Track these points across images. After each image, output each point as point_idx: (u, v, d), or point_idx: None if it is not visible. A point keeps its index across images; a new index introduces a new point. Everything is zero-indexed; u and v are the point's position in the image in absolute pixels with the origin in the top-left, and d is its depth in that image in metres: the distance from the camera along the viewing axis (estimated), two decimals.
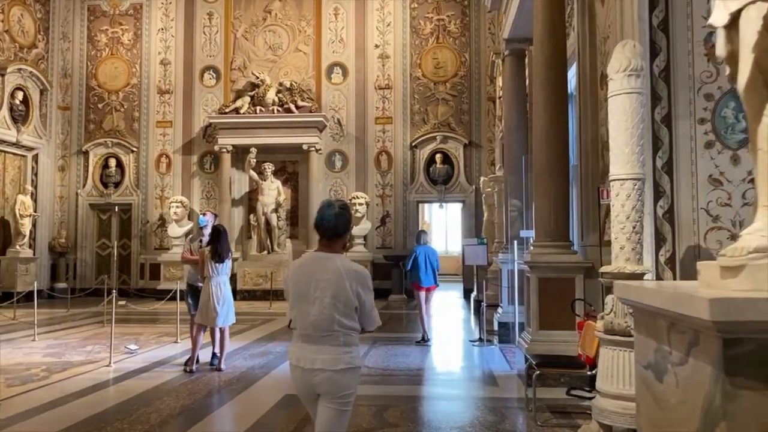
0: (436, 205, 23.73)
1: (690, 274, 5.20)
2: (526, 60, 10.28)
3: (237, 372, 7.32)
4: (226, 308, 7.41)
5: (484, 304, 10.59)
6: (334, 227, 3.16)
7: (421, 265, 9.53)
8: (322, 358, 3.02)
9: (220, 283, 7.37)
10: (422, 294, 9.68)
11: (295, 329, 3.18)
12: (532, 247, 6.90)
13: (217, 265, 7.32)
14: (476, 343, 9.42)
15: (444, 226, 26.19)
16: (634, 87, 4.15)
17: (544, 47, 6.90)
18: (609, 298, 4.13)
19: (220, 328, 7.37)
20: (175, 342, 9.49)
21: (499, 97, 16.43)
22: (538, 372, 5.02)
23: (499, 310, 9.70)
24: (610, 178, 4.20)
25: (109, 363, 7.64)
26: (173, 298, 15.04)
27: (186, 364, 7.57)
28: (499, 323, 9.40)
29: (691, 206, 5.20)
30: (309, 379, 3.06)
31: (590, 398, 5.81)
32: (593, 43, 6.77)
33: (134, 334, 10.31)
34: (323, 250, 3.19)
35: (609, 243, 6.19)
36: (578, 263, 6.53)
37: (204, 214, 8.63)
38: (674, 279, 5.10)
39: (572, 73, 7.41)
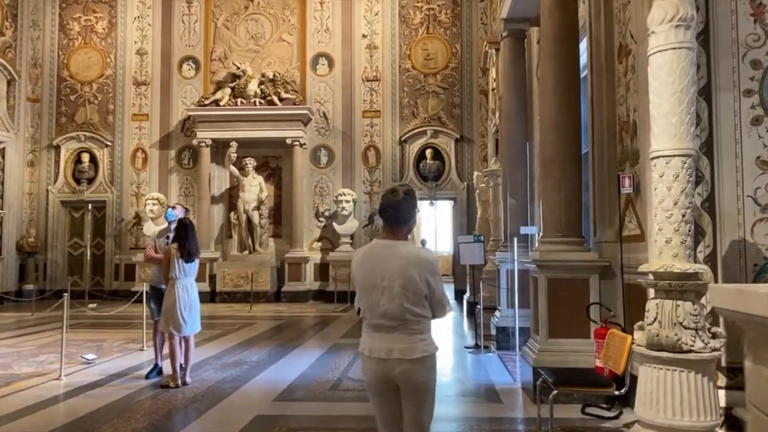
0: (425, 203, 22.93)
1: (733, 273, 4.40)
2: (526, 42, 9.47)
3: (203, 387, 6.43)
4: (194, 314, 6.51)
5: (479, 307, 9.79)
6: (398, 214, 3.06)
7: None
8: (399, 347, 2.95)
9: (187, 285, 6.47)
10: None
11: (365, 319, 3.05)
12: (539, 244, 6.08)
13: (185, 264, 6.42)
14: (472, 350, 8.59)
15: (434, 225, 25.34)
16: (683, 41, 3.34)
17: (554, 19, 6.08)
18: (652, 305, 3.31)
19: (185, 338, 6.46)
20: (141, 350, 8.59)
21: (493, 89, 15.64)
22: (555, 392, 4.18)
23: (497, 313, 8.88)
24: (653, 155, 3.38)
25: (60, 376, 6.73)
26: (140, 301, 14.26)
27: (149, 374, 6.70)
28: (497, 328, 8.58)
29: (735, 194, 4.40)
30: (386, 371, 2.95)
31: (610, 418, 5.00)
32: (609, 11, 5.95)
33: (97, 341, 9.40)
34: (388, 237, 3.07)
35: (631, 238, 5.39)
36: (593, 262, 5.72)
37: (173, 207, 7.63)
38: (716, 280, 4.29)
39: (582, 48, 6.59)
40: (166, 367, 6.78)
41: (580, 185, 5.94)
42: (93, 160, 17.80)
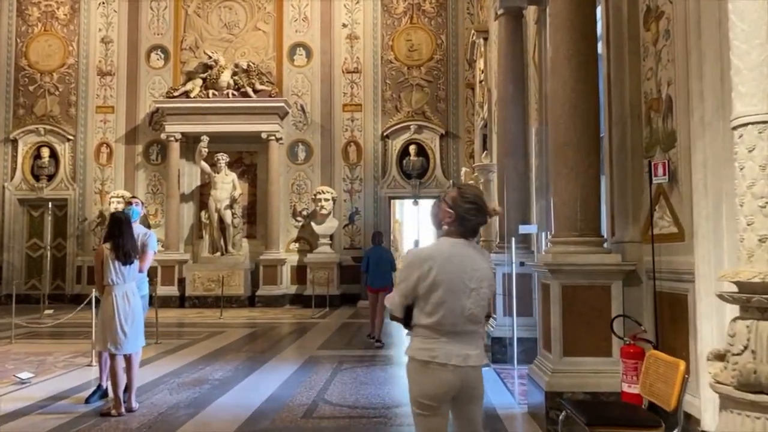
0: (408, 202, 22.06)
1: None
2: (524, 20, 8.57)
3: (152, 414, 5.40)
4: (137, 327, 5.47)
5: None
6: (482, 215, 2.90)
7: (371, 267, 9.29)
8: (474, 353, 2.84)
9: (127, 292, 5.39)
10: (372, 296, 9.39)
11: (436, 325, 2.79)
12: (549, 245, 5.16)
13: (122, 267, 5.37)
14: None
15: (416, 225, 24.43)
16: None
17: None
18: (740, 328, 2.39)
19: (127, 356, 5.41)
20: (90, 365, 7.52)
21: (481, 82, 14.77)
22: None
23: (492, 322, 7.97)
24: (737, 121, 2.47)
25: None
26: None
27: (90, 398, 5.67)
28: (492, 338, 7.66)
29: None
30: (460, 379, 2.79)
31: None
32: None
33: (42, 355, 8.31)
34: (465, 237, 2.88)
35: (664, 237, 4.49)
36: (617, 266, 4.81)
37: (134, 203, 6.43)
38: None
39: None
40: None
41: (599, 175, 5.03)
42: (53, 155, 16.64)
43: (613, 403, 4.16)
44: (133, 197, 6.48)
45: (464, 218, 2.80)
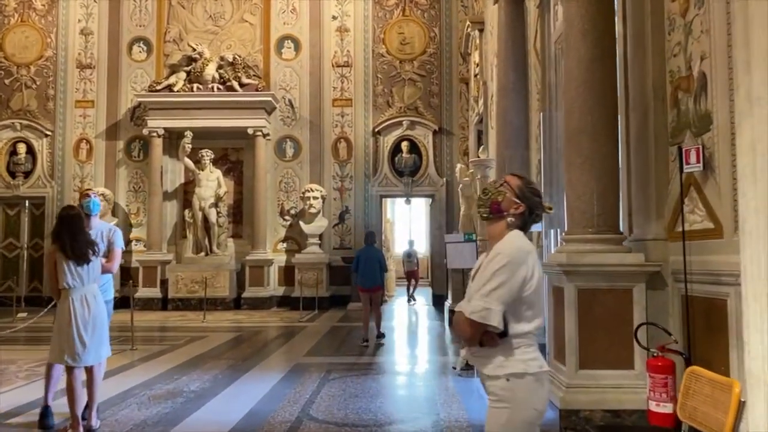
0: (399, 201, 21.52)
1: None
2: (524, 5, 8.02)
3: None
4: (98, 335, 4.83)
5: None
6: None
7: (362, 267, 9.27)
8: None
9: (86, 296, 4.75)
10: (364, 296, 9.41)
11: (531, 334, 2.41)
12: (562, 244, 4.60)
13: (78, 268, 4.75)
14: (462, 373, 7.08)
15: (408, 225, 23.86)
16: None
17: None
18: None
19: (88, 368, 4.79)
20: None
21: (476, 75, 14.24)
22: None
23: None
24: None
25: None
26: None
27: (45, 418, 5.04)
28: None
29: None
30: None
31: None
32: None
33: (5, 363, 7.67)
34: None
35: (697, 234, 3.94)
36: (640, 266, 4.26)
37: (92, 195, 5.63)
38: None
39: None
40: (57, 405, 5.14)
41: (618, 164, 4.47)
42: (30, 151, 15.94)
43: (643, 428, 3.60)
44: (89, 189, 5.75)
45: (532, 211, 2.47)
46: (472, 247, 7.27)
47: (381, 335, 9.47)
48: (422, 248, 24.19)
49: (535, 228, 6.71)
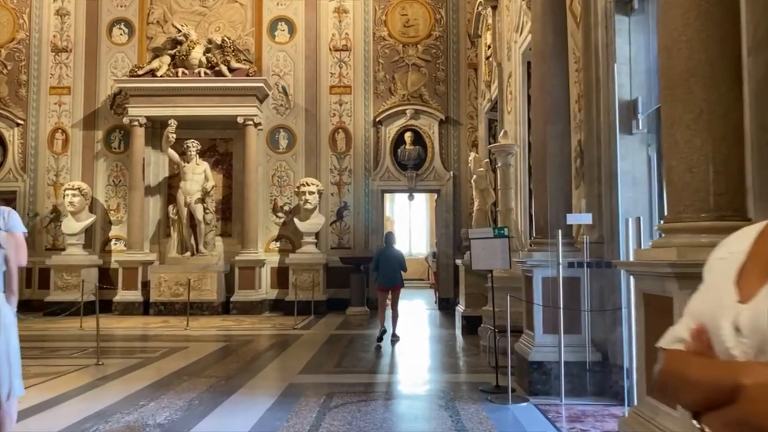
0: (399, 197, 20.32)
1: None
2: None
3: None
4: (8, 367, 3.54)
5: (488, 327, 7.15)
6: None
7: (382, 266, 9.51)
8: None
9: None
10: (382, 294, 9.75)
11: None
12: (660, 235, 3.34)
13: None
14: (493, 396, 5.83)
15: (408, 222, 22.64)
16: None
17: None
18: None
19: None
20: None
21: (488, 58, 13.01)
22: None
23: (527, 340, 6.15)
24: None
25: None
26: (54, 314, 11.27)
27: None
28: (530, 363, 5.84)
29: None
30: None
31: None
32: None
33: None
34: None
35: None
36: None
37: None
38: None
39: None
40: None
41: (743, 120, 3.21)
42: (1, 141, 14.62)
43: None
44: None
45: None
46: (504, 245, 6.01)
47: (395, 336, 9.45)
48: (422, 248, 23.01)
49: (583, 220, 5.48)
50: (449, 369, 7.49)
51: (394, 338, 9.37)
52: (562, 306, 5.50)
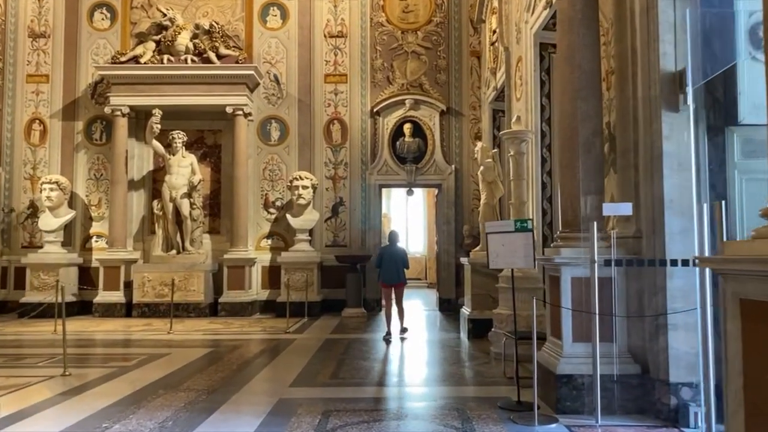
0: (396, 193, 19.56)
1: None
2: None
3: None
4: None
5: (498, 332, 6.38)
6: None
7: (385, 263, 9.94)
8: None
9: None
10: (386, 291, 10.10)
11: None
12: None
13: None
14: (516, 415, 5.03)
15: (405, 218, 21.81)
16: None
17: None
18: None
19: None
20: None
21: (493, 44, 12.21)
22: None
23: (556, 349, 5.36)
24: None
25: None
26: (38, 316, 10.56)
27: None
28: (559, 376, 5.05)
29: None
30: None
31: None
32: None
33: None
34: None
35: None
36: None
37: None
38: None
39: None
40: None
41: None
42: None
43: None
44: None
45: None
46: (528, 240, 5.20)
47: (404, 330, 9.89)
48: (419, 246, 22.19)
49: (624, 211, 4.70)
50: (460, 380, 6.68)
51: (403, 332, 9.78)
52: (597, 311, 4.72)
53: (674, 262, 4.74)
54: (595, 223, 4.77)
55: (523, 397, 5.29)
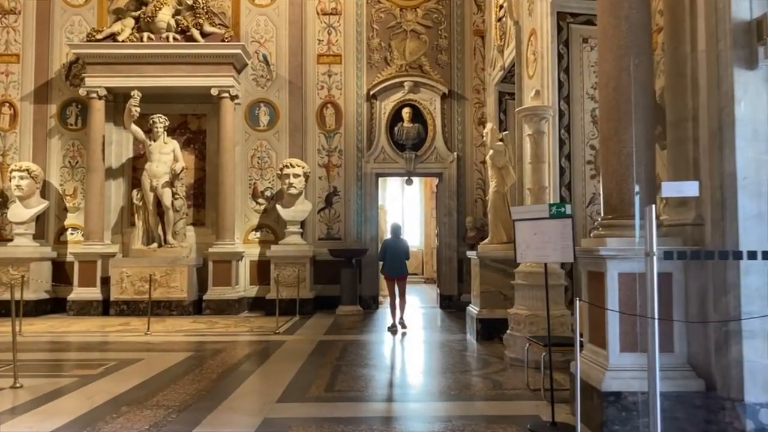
0: (392, 182, 18.66)
1: None
2: None
3: None
4: None
5: (529, 341, 5.50)
6: None
7: (389, 256, 10.08)
8: None
9: None
10: (390, 283, 10.21)
11: None
12: None
13: None
14: None
15: (401, 212, 20.87)
16: None
17: None
18: None
19: None
20: None
21: (500, 19, 11.30)
22: None
23: (599, 360, 4.45)
24: None
25: None
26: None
27: None
28: (605, 394, 4.14)
29: None
30: None
31: None
32: None
33: None
34: None
35: None
36: None
37: None
38: None
39: None
40: None
41: None
42: None
43: None
44: None
45: None
46: (566, 228, 4.27)
47: (403, 324, 9.88)
48: (416, 239, 21.26)
49: (690, 191, 3.80)
50: (476, 393, 5.75)
51: (403, 327, 9.77)
52: (656, 315, 3.80)
53: (752, 255, 3.84)
54: (654, 206, 3.85)
55: (559, 416, 4.39)
